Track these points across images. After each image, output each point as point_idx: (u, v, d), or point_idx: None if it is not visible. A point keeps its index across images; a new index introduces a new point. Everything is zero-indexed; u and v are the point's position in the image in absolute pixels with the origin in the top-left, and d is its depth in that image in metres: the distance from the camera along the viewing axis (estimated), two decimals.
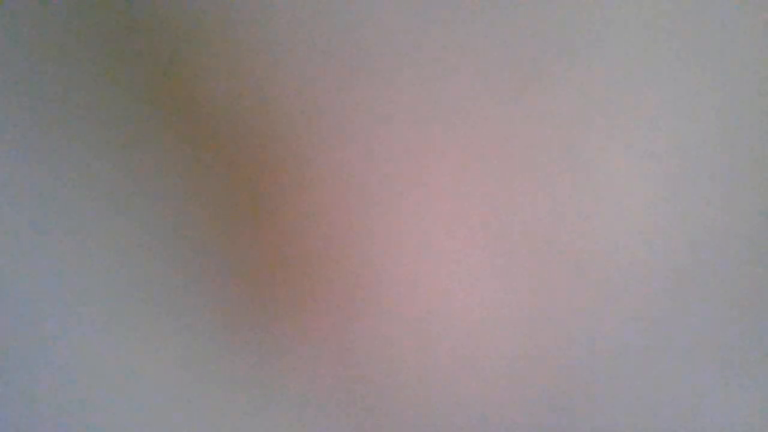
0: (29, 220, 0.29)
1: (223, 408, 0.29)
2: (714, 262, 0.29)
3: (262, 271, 0.29)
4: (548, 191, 0.28)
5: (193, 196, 0.29)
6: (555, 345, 0.29)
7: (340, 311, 0.29)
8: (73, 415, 0.29)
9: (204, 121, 0.28)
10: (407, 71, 0.28)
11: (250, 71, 0.28)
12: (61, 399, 0.29)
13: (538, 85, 0.28)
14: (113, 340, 0.29)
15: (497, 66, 0.28)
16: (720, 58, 0.28)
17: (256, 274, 0.29)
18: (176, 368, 0.29)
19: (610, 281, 0.29)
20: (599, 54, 0.28)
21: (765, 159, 0.29)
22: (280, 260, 0.29)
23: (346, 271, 0.29)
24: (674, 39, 0.28)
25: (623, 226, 0.29)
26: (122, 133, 0.28)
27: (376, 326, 0.29)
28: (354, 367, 0.29)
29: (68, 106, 0.28)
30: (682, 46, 0.28)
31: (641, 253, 0.29)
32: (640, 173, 0.28)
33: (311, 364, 0.29)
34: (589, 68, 0.28)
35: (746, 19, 0.28)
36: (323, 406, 0.29)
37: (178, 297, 0.29)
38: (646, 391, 0.29)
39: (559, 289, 0.29)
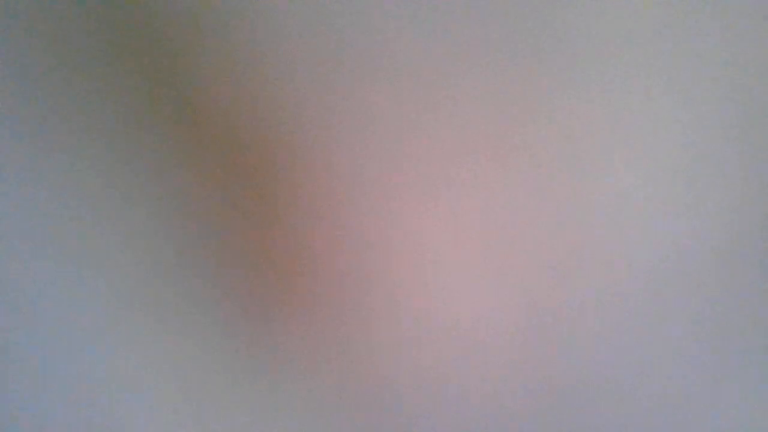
0: (30, 220, 0.29)
1: (224, 408, 0.29)
2: (714, 263, 0.29)
3: (262, 273, 0.29)
4: (547, 192, 0.28)
5: (193, 198, 0.29)
6: (554, 345, 0.29)
7: (339, 312, 0.29)
8: (73, 414, 0.29)
9: (204, 121, 0.28)
10: (407, 73, 0.28)
11: (251, 72, 0.28)
12: (63, 398, 0.29)
13: (538, 86, 0.28)
14: (112, 342, 0.29)
15: (497, 66, 0.28)
16: (722, 58, 0.28)
17: (257, 276, 0.29)
18: (176, 368, 0.29)
19: (610, 282, 0.29)
20: (600, 54, 0.28)
21: (765, 160, 0.29)
22: (280, 261, 0.29)
23: (345, 271, 0.29)
24: (676, 39, 0.28)
25: (622, 226, 0.29)
26: (122, 134, 0.28)
27: (376, 326, 0.29)
28: (354, 367, 0.29)
29: (69, 107, 0.28)
30: (684, 46, 0.28)
31: (641, 253, 0.29)
32: (640, 174, 0.28)
33: (311, 365, 0.29)
34: (589, 68, 0.28)
35: (748, 19, 0.28)
36: (323, 406, 0.29)
37: (179, 298, 0.29)
38: (645, 392, 0.29)
39: (558, 289, 0.29)
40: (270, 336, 0.29)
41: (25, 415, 0.29)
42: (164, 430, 0.29)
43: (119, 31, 0.28)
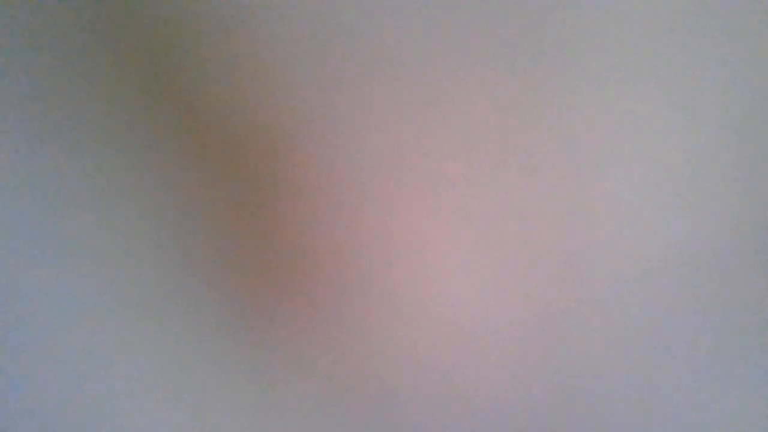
0: (29, 221, 0.29)
1: (223, 408, 0.29)
2: (714, 262, 0.29)
3: (262, 273, 0.29)
4: (548, 192, 0.28)
5: (193, 198, 0.29)
6: (554, 345, 0.29)
7: (338, 311, 0.29)
8: (73, 415, 0.29)
9: (204, 122, 0.28)
10: (406, 72, 0.28)
11: (251, 72, 0.28)
12: (62, 399, 0.29)
13: (539, 87, 0.28)
14: (111, 342, 0.29)
15: (497, 65, 0.28)
16: (723, 57, 0.28)
17: (256, 276, 0.29)
18: (175, 368, 0.29)
19: (610, 281, 0.29)
20: (600, 54, 0.28)
21: (765, 160, 0.29)
22: (280, 261, 0.29)
23: (345, 271, 0.29)
24: (676, 38, 0.28)
25: (623, 226, 0.29)
26: (122, 134, 0.28)
27: (374, 326, 0.29)
28: (352, 367, 0.29)
29: (69, 106, 0.28)
30: (684, 45, 0.28)
31: (641, 253, 0.29)
32: (641, 175, 0.28)
33: (311, 365, 0.29)
34: (590, 67, 0.28)
35: (749, 19, 0.28)
36: (323, 406, 0.29)
37: (178, 298, 0.29)
38: (646, 392, 0.29)
39: (558, 289, 0.29)
40: (270, 336, 0.29)
41: (25, 416, 0.29)
42: (164, 430, 0.29)
43: (119, 30, 0.28)
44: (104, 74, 0.28)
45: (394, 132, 0.28)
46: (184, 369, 0.29)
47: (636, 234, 0.29)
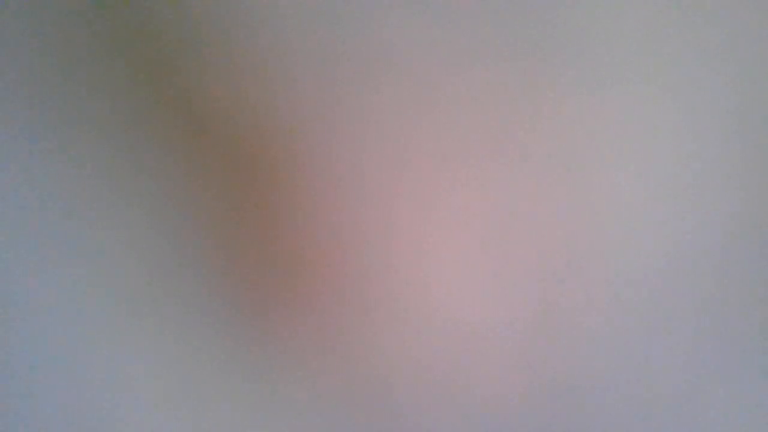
0: (29, 220, 0.29)
1: (223, 408, 0.29)
2: (715, 262, 0.29)
3: (262, 273, 0.29)
4: (548, 191, 0.28)
5: (193, 197, 0.29)
6: (554, 345, 0.29)
7: (339, 312, 0.29)
8: (72, 414, 0.29)
9: (204, 122, 0.28)
10: (406, 72, 0.28)
11: (251, 72, 0.28)
12: (62, 398, 0.29)
13: (539, 87, 0.28)
14: (112, 342, 0.29)
15: (497, 66, 0.28)
16: (723, 57, 0.28)
17: (257, 276, 0.29)
18: (176, 368, 0.29)
19: (610, 281, 0.29)
20: (600, 53, 0.28)
21: (765, 159, 0.29)
22: (279, 262, 0.29)
23: (345, 271, 0.29)
24: (676, 38, 0.28)
25: (623, 226, 0.29)
26: (121, 134, 0.28)
27: (374, 327, 0.29)
28: (354, 367, 0.29)
29: (69, 106, 0.28)
30: (684, 45, 0.28)
31: (641, 253, 0.29)
32: (641, 173, 0.28)
33: (311, 365, 0.29)
34: (590, 68, 0.28)
35: (748, 20, 0.28)
36: (323, 406, 0.29)
37: (178, 298, 0.29)
38: (646, 391, 0.29)
39: (559, 289, 0.29)
40: (270, 336, 0.29)
41: (24, 415, 0.29)
42: (163, 430, 0.29)
43: (119, 30, 0.28)
44: (104, 75, 0.28)
45: (394, 132, 0.28)
46: (184, 369, 0.29)
47: (636, 234, 0.29)
